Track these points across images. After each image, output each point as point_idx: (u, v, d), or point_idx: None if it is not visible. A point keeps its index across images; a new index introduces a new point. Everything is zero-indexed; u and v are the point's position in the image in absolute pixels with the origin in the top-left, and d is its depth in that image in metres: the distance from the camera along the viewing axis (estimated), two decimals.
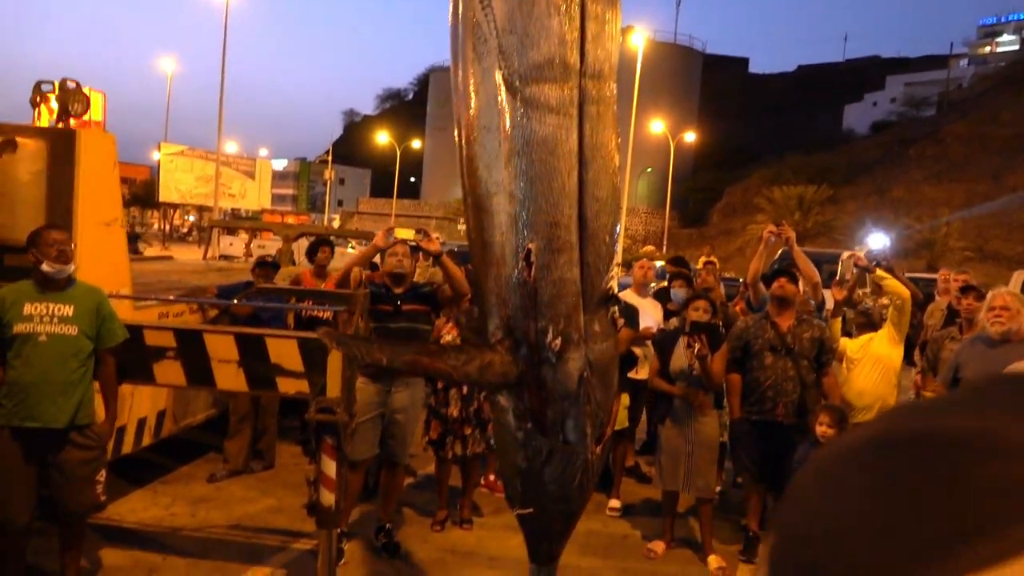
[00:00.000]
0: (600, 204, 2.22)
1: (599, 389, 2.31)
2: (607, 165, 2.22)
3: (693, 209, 47.98)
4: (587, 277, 2.23)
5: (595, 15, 2.19)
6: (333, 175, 61.36)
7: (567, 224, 2.20)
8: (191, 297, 5.58)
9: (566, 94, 2.17)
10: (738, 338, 4.87)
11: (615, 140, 2.23)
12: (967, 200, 34.64)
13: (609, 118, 2.22)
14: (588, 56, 2.17)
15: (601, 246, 2.23)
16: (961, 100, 51.46)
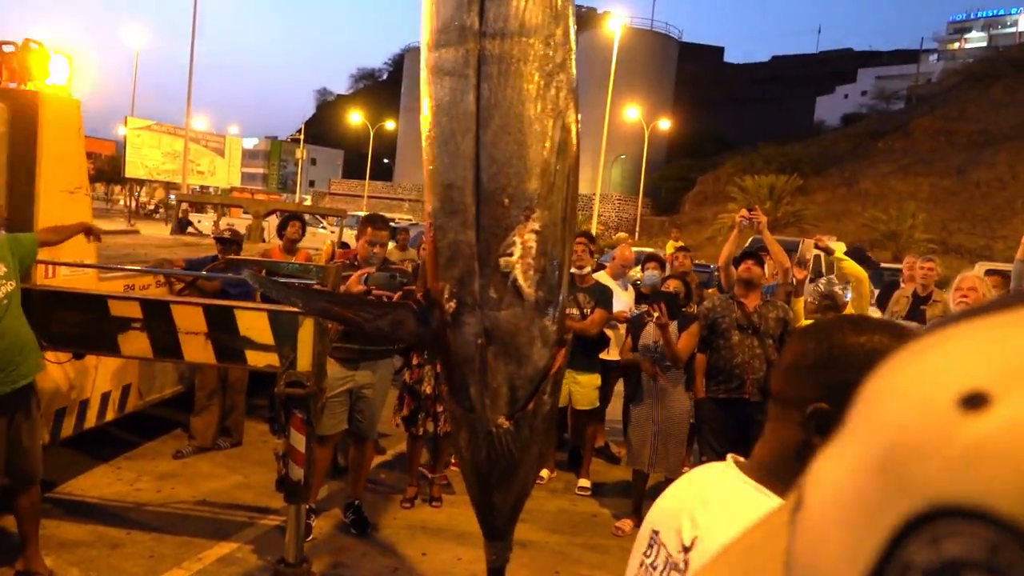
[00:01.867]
0: (498, 166, 2.17)
1: (502, 359, 2.24)
2: (509, 125, 2.16)
3: (666, 197, 48.24)
4: (483, 240, 2.19)
5: None
6: (305, 155, 60.57)
7: (461, 186, 2.21)
8: (157, 268, 5.47)
9: (460, 56, 2.19)
10: (705, 316, 4.92)
11: (527, 100, 2.16)
12: (932, 194, 35.31)
13: (515, 77, 2.15)
14: (488, 15, 2.15)
15: (498, 208, 2.17)
16: (930, 95, 52.27)
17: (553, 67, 2.19)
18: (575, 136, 2.27)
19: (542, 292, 2.20)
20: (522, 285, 2.18)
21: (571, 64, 2.25)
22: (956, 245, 31.58)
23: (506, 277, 2.18)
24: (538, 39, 2.17)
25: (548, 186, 2.19)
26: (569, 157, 2.23)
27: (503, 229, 2.18)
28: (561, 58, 2.20)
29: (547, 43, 2.18)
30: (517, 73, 2.16)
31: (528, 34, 2.16)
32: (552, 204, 2.20)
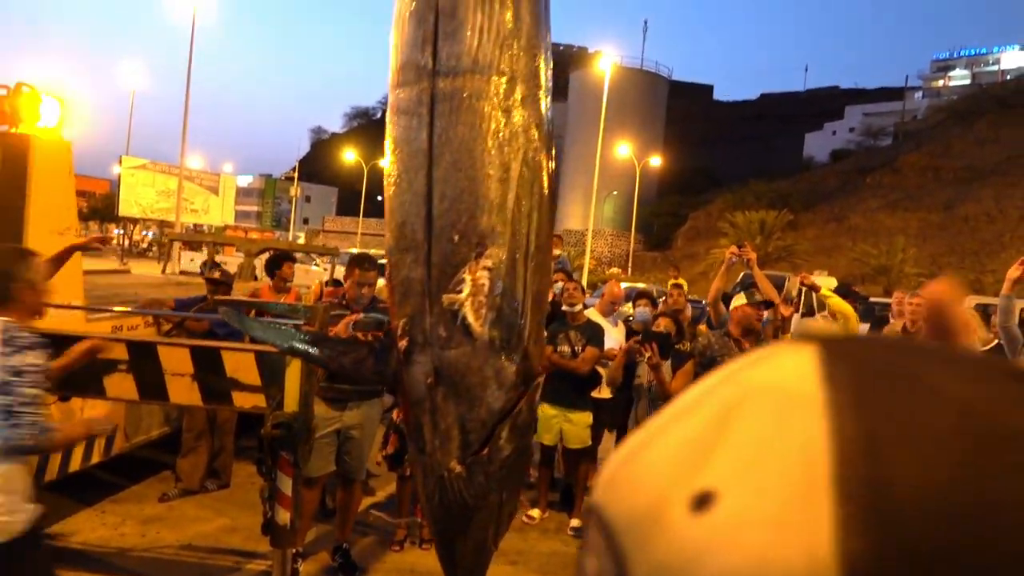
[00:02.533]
0: (448, 202, 2.17)
1: (452, 400, 2.18)
2: (460, 161, 2.16)
3: (658, 232, 48.58)
4: (433, 277, 2.18)
5: (449, 11, 2.20)
6: (299, 192, 60.89)
7: (413, 223, 2.22)
8: (144, 309, 5.44)
9: (416, 94, 2.23)
10: (701, 354, 4.88)
11: (480, 136, 2.16)
12: (921, 229, 35.67)
13: (467, 113, 2.16)
14: (441, 54, 2.18)
15: (448, 245, 2.16)
16: (916, 131, 53.12)
17: (513, 103, 2.18)
18: (544, 173, 2.25)
19: (497, 331, 2.13)
20: (472, 324, 2.13)
21: (539, 100, 2.24)
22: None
23: (455, 315, 2.14)
24: (495, 76, 2.18)
25: (505, 223, 2.16)
26: (534, 194, 2.20)
27: (453, 266, 2.16)
28: (523, 94, 2.20)
29: (507, 80, 2.19)
30: (470, 109, 2.17)
31: (482, 72, 2.17)
32: (510, 242, 2.15)
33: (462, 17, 2.20)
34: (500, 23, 2.19)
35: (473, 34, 2.19)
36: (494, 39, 2.19)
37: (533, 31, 2.26)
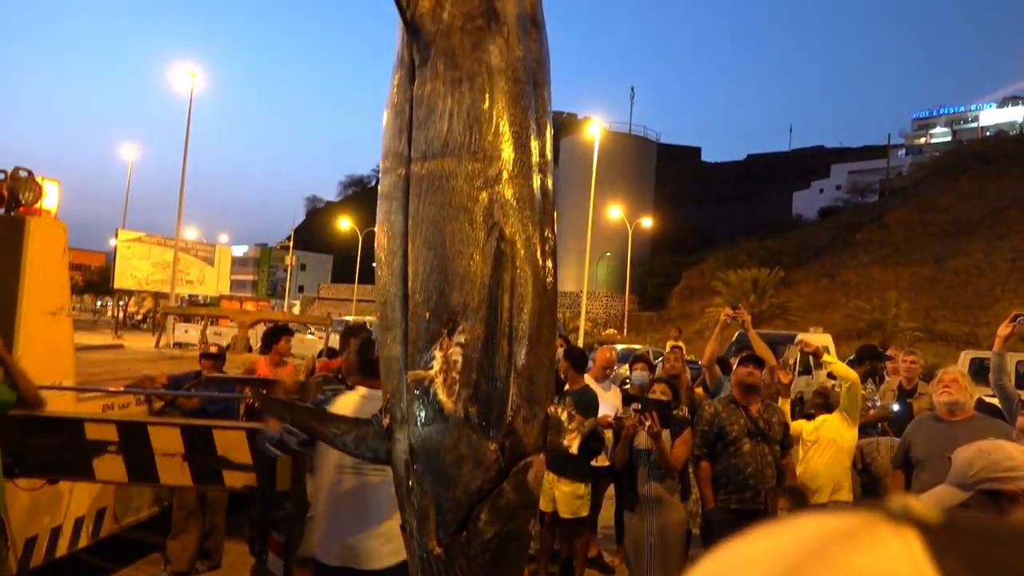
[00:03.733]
0: (420, 281, 2.21)
1: (428, 479, 2.16)
2: (432, 240, 2.22)
3: (652, 292, 48.78)
4: (410, 355, 2.21)
5: (423, 100, 2.30)
6: (294, 261, 61.22)
7: (392, 302, 2.28)
8: (135, 388, 5.40)
9: (395, 180, 2.33)
10: (710, 423, 4.81)
11: (452, 215, 2.21)
12: (913, 283, 35.91)
13: (439, 193, 2.22)
14: (416, 139, 2.29)
15: (421, 322, 2.19)
16: (901, 188, 54.05)
17: (486, 182, 2.24)
18: (531, 245, 2.27)
19: (473, 408, 2.11)
20: (443, 401, 2.12)
21: (517, 176, 2.28)
22: (942, 333, 31.82)
23: (428, 392, 2.14)
24: (467, 157, 2.24)
25: (479, 299, 2.17)
26: (510, 269, 2.23)
27: (427, 343, 2.17)
28: (498, 172, 2.26)
29: (479, 160, 2.25)
30: (440, 190, 2.24)
31: (452, 154, 2.24)
32: (487, 317, 2.17)
33: (432, 104, 2.29)
34: (470, 107, 2.27)
35: (443, 119, 2.27)
36: (463, 122, 2.26)
37: (511, 112, 2.32)
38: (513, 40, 2.37)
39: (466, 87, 2.29)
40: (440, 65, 2.34)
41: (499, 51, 2.34)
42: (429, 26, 2.39)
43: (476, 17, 2.36)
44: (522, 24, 2.42)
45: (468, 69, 2.31)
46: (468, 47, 2.34)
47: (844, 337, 30.02)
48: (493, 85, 2.31)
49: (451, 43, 2.35)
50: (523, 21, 2.43)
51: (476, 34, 2.34)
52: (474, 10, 2.36)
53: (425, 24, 2.40)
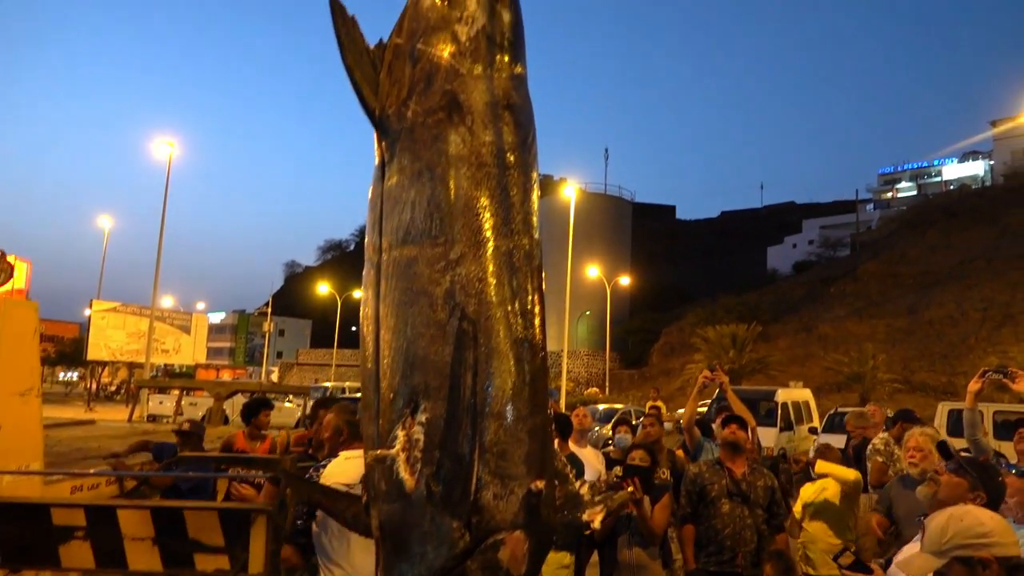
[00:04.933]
0: (387, 362, 2.31)
1: (394, 555, 2.18)
2: (397, 324, 2.32)
3: (633, 350, 48.85)
4: (380, 435, 2.26)
5: (390, 193, 2.45)
6: (272, 327, 60.67)
7: (368, 384, 2.38)
8: (105, 471, 5.27)
9: (368, 270, 2.47)
10: (692, 483, 4.81)
11: (414, 298, 2.32)
12: (888, 334, 36.35)
13: (404, 279, 2.35)
14: (384, 232, 2.43)
15: (386, 402, 2.26)
16: (872, 241, 55.23)
17: (447, 264, 2.32)
18: (496, 323, 2.31)
19: (436, 486, 2.14)
20: (405, 479, 2.16)
21: (482, 256, 2.35)
22: (920, 383, 32.10)
23: (391, 470, 2.18)
24: (428, 244, 2.34)
25: (441, 378, 2.23)
26: (473, 347, 2.27)
27: (392, 422, 2.23)
28: (458, 254, 2.33)
29: (440, 244, 2.34)
30: (403, 276, 2.35)
31: (414, 241, 2.35)
32: (448, 396, 2.20)
33: (397, 196, 2.43)
34: (430, 196, 2.38)
35: (405, 210, 2.40)
36: (424, 211, 2.38)
37: (473, 195, 2.40)
38: (478, 127, 2.46)
39: (426, 177, 2.41)
40: (404, 159, 2.46)
41: (461, 140, 2.43)
42: (395, 125, 2.50)
43: (437, 111, 2.46)
44: (491, 110, 2.51)
45: (428, 160, 2.42)
46: (429, 140, 2.44)
47: (824, 391, 30.16)
48: (453, 172, 2.41)
49: (414, 138, 2.46)
50: (492, 107, 2.52)
51: (437, 127, 2.45)
52: (435, 105, 2.47)
53: (392, 123, 2.51)
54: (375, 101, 2.53)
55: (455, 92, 2.47)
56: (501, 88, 2.57)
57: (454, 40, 2.54)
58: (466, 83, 2.50)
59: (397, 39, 2.60)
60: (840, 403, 24.58)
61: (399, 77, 2.53)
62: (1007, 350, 30.26)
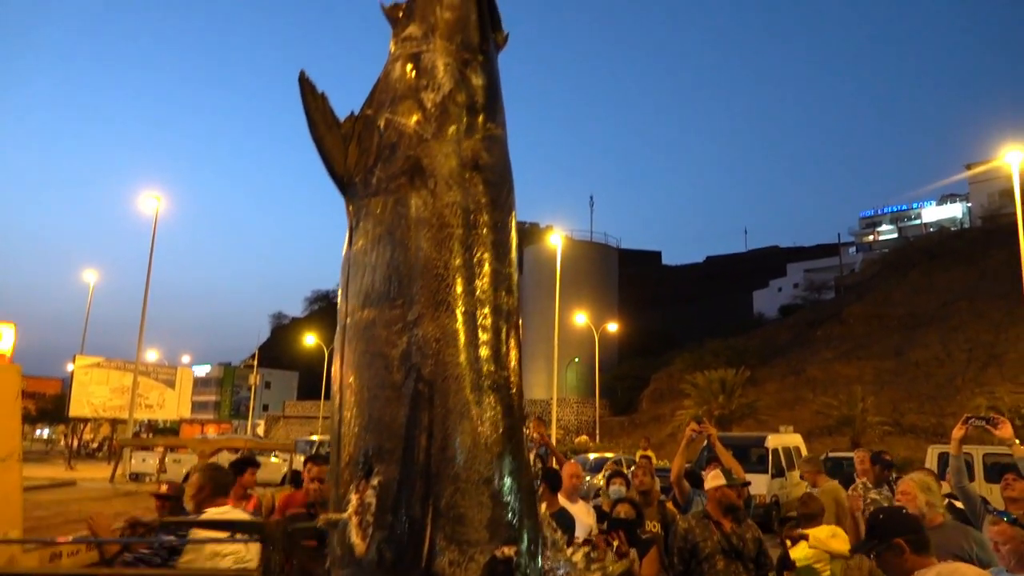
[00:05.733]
0: (344, 428, 2.34)
1: None
2: (354, 387, 2.36)
3: (622, 396, 48.63)
4: (336, 499, 2.29)
5: (355, 258, 2.53)
6: (258, 380, 60.04)
7: (331, 449, 2.43)
8: (83, 538, 5.15)
9: (337, 333, 2.52)
10: (684, 539, 4.74)
11: (370, 362, 2.36)
12: (876, 376, 36.43)
13: (360, 342, 2.40)
14: (348, 296, 2.49)
15: (341, 467, 2.29)
16: (856, 284, 55.77)
17: (405, 325, 2.35)
18: (455, 385, 2.31)
19: (388, 552, 2.12)
20: (356, 543, 2.15)
21: (442, 315, 2.38)
22: (910, 425, 32.08)
23: (343, 534, 2.18)
24: (386, 306, 2.38)
25: (395, 441, 2.22)
26: (433, 409, 2.27)
27: (346, 485, 2.25)
28: (417, 315, 2.36)
29: (399, 307, 2.37)
30: (362, 338, 2.40)
31: (374, 304, 2.40)
32: (402, 458, 2.20)
33: (359, 261, 2.51)
34: (389, 260, 2.44)
35: (366, 274, 2.45)
36: (382, 275, 2.44)
37: (434, 257, 2.44)
38: (441, 190, 2.51)
39: (386, 241, 2.46)
40: (368, 224, 2.51)
41: (422, 203, 2.48)
42: (361, 191, 2.56)
43: (399, 176, 2.52)
44: (457, 172, 2.56)
45: (389, 224, 2.47)
46: (391, 205, 2.50)
47: (815, 434, 30.06)
48: (413, 235, 2.46)
49: (377, 203, 2.52)
50: (459, 169, 2.57)
51: (398, 192, 2.51)
52: (398, 170, 2.53)
53: (358, 190, 2.57)
54: (343, 170, 2.60)
55: (418, 157, 2.53)
56: (469, 149, 2.61)
57: (420, 107, 2.61)
58: (430, 147, 2.55)
59: (368, 110, 2.68)
60: (831, 447, 24.48)
61: (368, 146, 2.60)
62: (994, 390, 30.35)
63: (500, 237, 2.58)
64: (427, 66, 2.68)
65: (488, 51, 2.82)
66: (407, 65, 2.71)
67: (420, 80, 2.67)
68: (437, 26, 2.73)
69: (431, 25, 2.74)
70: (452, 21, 2.74)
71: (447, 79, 2.66)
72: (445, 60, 2.69)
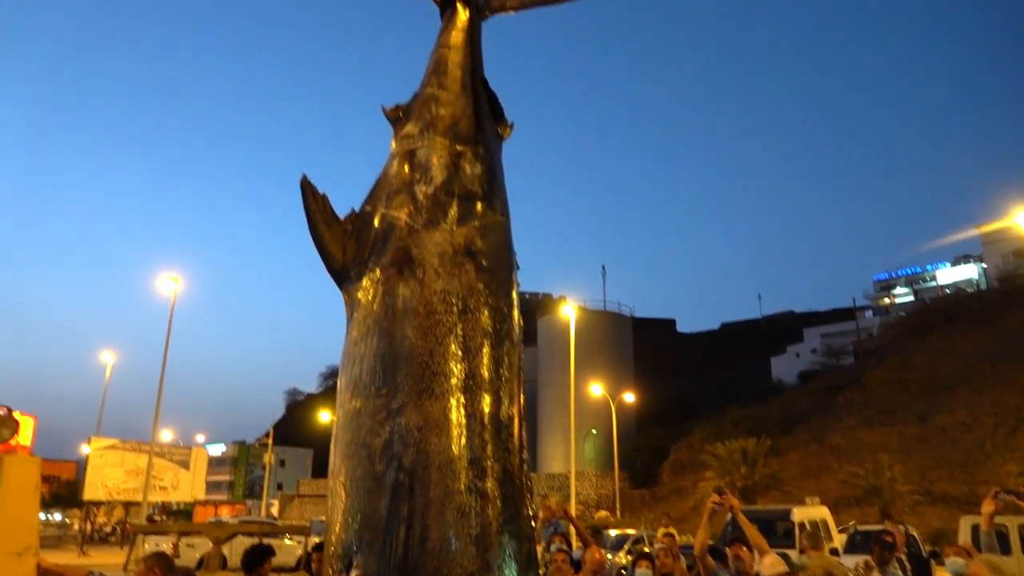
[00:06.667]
0: (332, 519, 2.39)
1: None
2: (342, 478, 2.43)
3: (642, 468, 47.61)
4: None
5: (347, 350, 2.64)
6: (273, 459, 59.48)
7: (324, 535, 2.57)
8: None
9: (335, 422, 2.65)
10: None
11: (354, 451, 2.44)
12: (902, 443, 35.57)
13: (346, 431, 2.50)
14: (342, 385, 2.60)
15: (328, 559, 2.34)
16: (874, 348, 55.10)
17: (388, 414, 2.41)
18: (438, 473, 2.31)
19: None
20: None
21: (428, 401, 2.40)
22: (941, 494, 31.10)
23: None
24: (372, 395, 2.45)
25: (375, 532, 2.22)
26: (413, 500, 2.25)
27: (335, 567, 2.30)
28: (400, 404, 2.42)
29: (383, 396, 2.43)
30: (348, 428, 2.49)
31: (360, 394, 2.50)
32: (381, 551, 2.18)
33: (350, 352, 2.62)
34: (375, 350, 2.52)
35: (355, 365, 2.56)
36: (369, 365, 2.52)
37: (422, 345, 2.50)
38: (430, 278, 2.57)
39: (374, 331, 2.53)
40: (360, 315, 2.59)
41: (410, 292, 2.55)
42: (355, 284, 2.65)
43: (389, 267, 2.60)
44: (447, 260, 2.62)
45: (378, 315, 2.55)
46: (380, 295, 2.57)
47: (843, 505, 29.15)
48: (399, 325, 2.51)
49: (368, 295, 2.60)
50: (450, 257, 2.63)
51: (387, 282, 2.58)
52: (388, 261, 2.61)
53: (352, 283, 2.66)
54: (339, 265, 2.69)
55: (408, 247, 2.61)
56: (462, 237, 2.66)
57: (412, 200, 2.71)
58: (420, 237, 2.63)
59: (367, 206, 2.79)
60: (859, 519, 23.72)
61: (364, 241, 2.70)
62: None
63: (496, 320, 2.59)
64: (421, 161, 2.79)
65: (485, 141, 2.90)
66: (403, 162, 2.83)
67: (414, 174, 2.77)
68: (433, 123, 2.85)
69: (427, 122, 2.86)
70: (447, 117, 2.85)
71: (439, 171, 2.76)
72: (439, 154, 2.79)
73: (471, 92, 2.87)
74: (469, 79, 2.88)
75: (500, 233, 2.82)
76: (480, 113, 2.89)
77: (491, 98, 2.99)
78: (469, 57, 2.90)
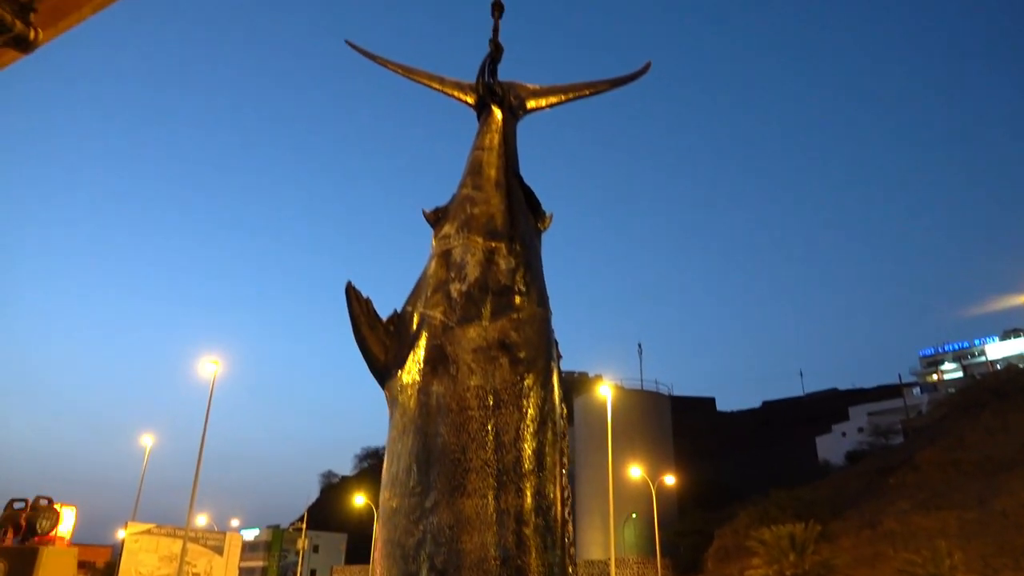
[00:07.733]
0: None
1: None
2: (380, 572, 2.47)
3: (685, 555, 45.70)
4: None
5: (389, 449, 2.70)
6: (307, 544, 58.56)
7: None
8: None
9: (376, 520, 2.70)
10: None
11: (391, 551, 2.45)
12: (960, 528, 33.74)
13: (385, 528, 2.53)
14: (384, 483, 2.65)
15: None
16: (924, 427, 53.04)
17: (423, 513, 2.43)
18: (472, 571, 2.31)
19: None
20: None
21: (461, 498, 2.41)
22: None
23: None
24: (407, 494, 2.49)
25: None
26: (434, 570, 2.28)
27: None
28: (433, 502, 2.41)
29: (417, 495, 2.47)
30: (386, 525, 2.53)
31: (396, 492, 2.56)
32: None
33: (391, 450, 2.68)
34: (411, 449, 2.57)
35: (393, 463, 2.61)
36: (405, 464, 2.57)
37: (453, 443, 2.53)
38: (463, 375, 2.59)
39: (410, 430, 2.56)
40: (397, 415, 2.64)
41: (444, 389, 2.58)
42: (395, 383, 2.70)
43: (424, 365, 2.64)
44: (481, 356, 2.65)
45: (413, 414, 2.58)
46: (415, 393, 2.63)
47: None
48: (433, 422, 2.53)
49: (404, 393, 2.65)
50: (484, 352, 2.66)
51: (422, 380, 2.63)
52: (423, 359, 2.66)
53: (392, 383, 2.71)
54: (382, 365, 2.75)
55: (442, 345, 2.66)
56: (496, 331, 2.67)
57: (447, 298, 2.77)
58: (454, 334, 2.67)
59: (407, 307, 2.87)
60: None
61: (404, 341, 2.76)
62: None
63: (533, 413, 2.58)
64: (456, 259, 2.87)
65: (520, 236, 2.95)
66: (440, 261, 2.92)
67: (450, 273, 2.85)
68: (468, 222, 2.93)
69: (463, 222, 2.95)
70: (481, 216, 2.93)
71: (473, 268, 2.82)
72: (473, 251, 2.87)
73: (505, 189, 2.96)
74: (503, 177, 2.98)
75: (537, 324, 2.82)
76: (514, 208, 2.97)
77: (527, 193, 3.07)
78: (503, 157, 3.00)
